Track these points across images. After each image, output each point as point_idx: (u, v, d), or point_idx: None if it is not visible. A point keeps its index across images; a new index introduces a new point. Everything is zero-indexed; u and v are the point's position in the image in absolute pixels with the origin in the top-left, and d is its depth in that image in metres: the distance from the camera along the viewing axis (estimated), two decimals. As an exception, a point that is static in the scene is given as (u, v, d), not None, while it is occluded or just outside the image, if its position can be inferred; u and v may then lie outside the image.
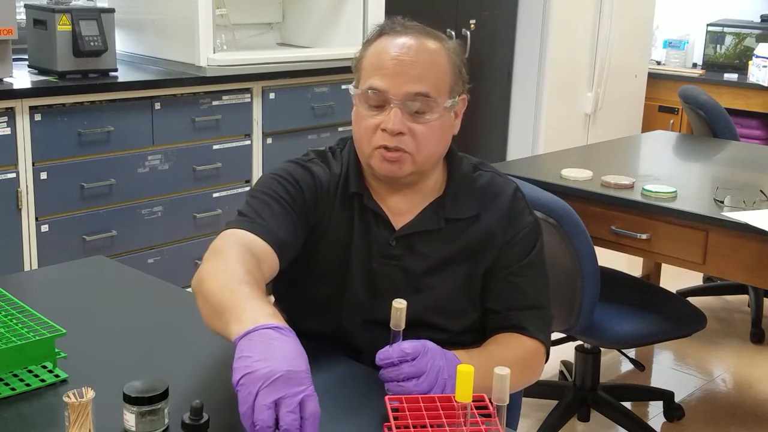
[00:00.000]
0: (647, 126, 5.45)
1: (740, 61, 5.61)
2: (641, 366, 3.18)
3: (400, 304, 1.23)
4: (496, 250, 1.53)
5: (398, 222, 1.54)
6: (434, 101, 1.46)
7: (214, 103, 3.37)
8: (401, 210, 1.54)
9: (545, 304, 1.56)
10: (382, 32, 1.51)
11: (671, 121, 5.60)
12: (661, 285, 3.39)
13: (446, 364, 1.27)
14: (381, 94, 1.46)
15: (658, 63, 5.85)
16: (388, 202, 1.55)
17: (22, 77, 3.05)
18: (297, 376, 1.08)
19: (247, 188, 3.44)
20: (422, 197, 1.55)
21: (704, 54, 5.79)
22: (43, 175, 2.92)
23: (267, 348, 1.11)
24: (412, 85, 1.45)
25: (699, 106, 3.94)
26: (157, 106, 3.20)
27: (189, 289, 1.46)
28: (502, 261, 1.54)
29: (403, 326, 1.26)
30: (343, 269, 1.54)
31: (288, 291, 1.59)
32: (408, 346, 1.25)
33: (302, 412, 1.06)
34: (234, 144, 3.46)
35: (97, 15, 3.14)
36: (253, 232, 1.41)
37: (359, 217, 1.54)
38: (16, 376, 1.33)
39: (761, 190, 2.63)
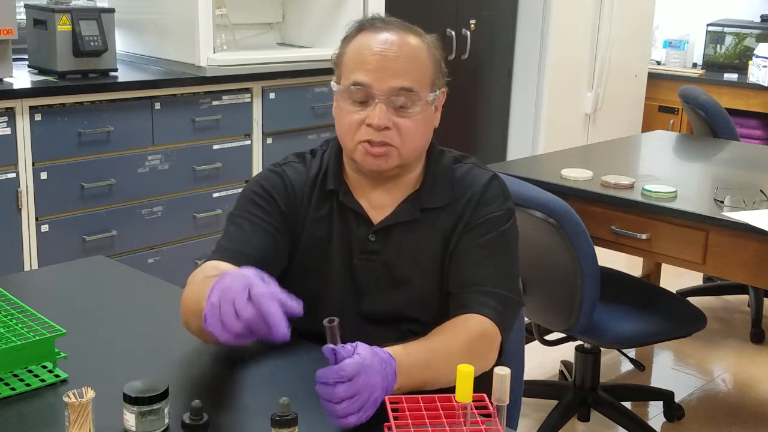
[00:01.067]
0: (647, 126, 5.45)
1: (740, 61, 5.61)
2: (641, 366, 3.18)
3: (332, 323, 1.20)
4: (460, 232, 1.53)
5: (377, 216, 1.55)
6: (417, 95, 1.48)
7: (214, 103, 3.36)
8: (382, 204, 1.55)
9: (501, 286, 1.49)
10: (361, 28, 1.52)
11: (671, 121, 5.59)
12: (661, 285, 3.39)
13: (381, 380, 1.22)
14: (365, 89, 1.47)
15: (658, 63, 5.85)
16: (369, 197, 1.56)
17: (22, 77, 3.05)
18: (237, 278, 1.16)
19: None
20: (402, 191, 1.56)
21: (704, 54, 5.79)
22: (43, 175, 2.92)
23: (220, 282, 1.18)
24: (396, 79, 1.46)
25: (699, 106, 3.94)
26: (157, 106, 3.20)
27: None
28: (460, 242, 1.52)
29: (339, 343, 1.22)
30: (324, 267, 1.55)
31: None
32: (345, 367, 1.19)
33: (253, 297, 1.14)
34: (234, 144, 3.46)
35: (97, 15, 3.14)
36: (222, 260, 1.47)
37: (338, 214, 1.55)
38: (16, 376, 1.33)
39: (761, 190, 2.63)
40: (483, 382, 1.23)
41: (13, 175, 2.86)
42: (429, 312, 1.52)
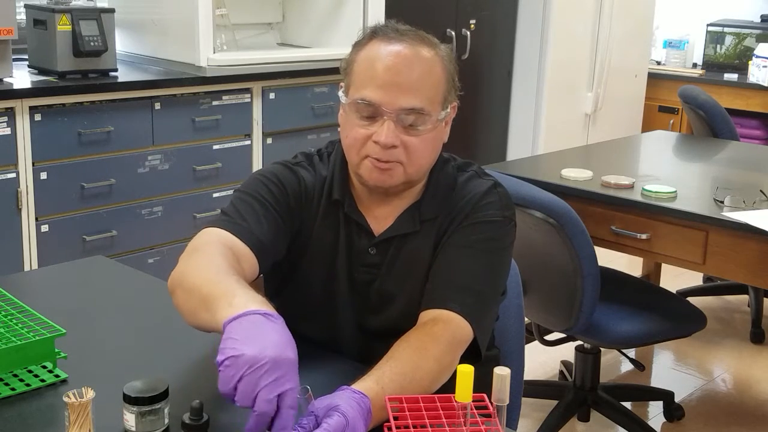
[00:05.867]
0: (647, 126, 5.45)
1: (740, 61, 5.61)
2: (641, 366, 3.18)
3: (307, 392, 1.14)
4: (449, 235, 1.50)
5: (379, 228, 1.52)
6: (428, 115, 1.43)
7: (214, 103, 3.37)
8: (384, 215, 1.53)
9: (477, 282, 1.45)
10: (374, 36, 1.47)
11: (671, 121, 5.59)
12: (661, 285, 3.39)
13: (364, 425, 1.16)
14: (375, 106, 1.42)
15: (658, 63, 5.85)
16: (372, 209, 1.53)
17: (22, 77, 3.05)
18: (283, 365, 1.08)
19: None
20: (405, 202, 1.53)
21: (704, 54, 5.79)
22: (43, 175, 2.92)
23: (256, 333, 1.11)
24: (407, 99, 1.41)
25: (699, 106, 3.94)
26: (157, 106, 3.20)
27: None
28: (446, 243, 1.49)
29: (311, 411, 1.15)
30: (330, 278, 1.53)
31: (279, 296, 1.59)
32: (330, 427, 1.10)
33: (279, 401, 1.07)
34: (234, 144, 3.46)
35: (97, 15, 3.14)
36: (232, 232, 1.41)
37: (343, 225, 1.53)
38: (16, 376, 1.33)
39: (761, 190, 2.63)
40: (483, 382, 1.23)
41: (13, 175, 2.86)
42: None
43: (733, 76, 5.47)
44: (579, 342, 2.82)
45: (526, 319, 1.91)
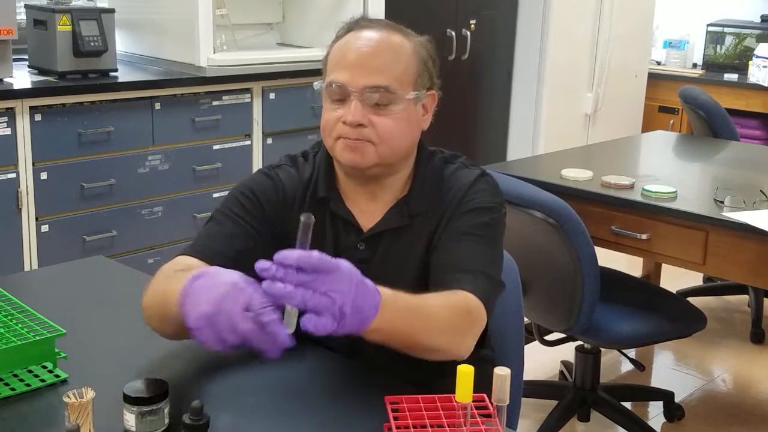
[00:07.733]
0: (647, 126, 5.45)
1: (740, 61, 5.61)
2: (641, 366, 3.18)
3: (309, 219, 1.16)
4: (443, 227, 1.50)
5: (367, 223, 1.53)
6: (395, 94, 1.46)
7: (214, 103, 3.37)
8: (370, 209, 1.54)
9: (486, 267, 1.45)
10: (349, 29, 1.53)
11: (671, 121, 5.59)
12: (661, 285, 3.39)
13: (355, 295, 1.15)
14: (342, 87, 1.46)
15: (658, 63, 5.85)
16: (359, 204, 1.54)
17: (22, 77, 3.05)
18: (231, 294, 1.15)
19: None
20: (391, 197, 1.54)
21: (704, 54, 5.79)
22: (43, 175, 2.92)
23: (201, 288, 1.19)
24: (372, 77, 1.45)
25: (699, 106, 3.94)
26: (157, 106, 3.20)
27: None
28: (443, 235, 1.49)
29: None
30: None
31: None
32: (324, 257, 1.12)
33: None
34: (234, 144, 3.46)
35: (97, 15, 3.14)
36: (196, 256, 1.46)
37: (330, 222, 1.53)
38: (16, 376, 1.33)
39: (761, 190, 2.63)
40: (483, 383, 1.23)
41: (13, 175, 2.86)
42: None
43: (733, 76, 5.47)
44: (579, 342, 2.82)
45: (526, 319, 1.91)
